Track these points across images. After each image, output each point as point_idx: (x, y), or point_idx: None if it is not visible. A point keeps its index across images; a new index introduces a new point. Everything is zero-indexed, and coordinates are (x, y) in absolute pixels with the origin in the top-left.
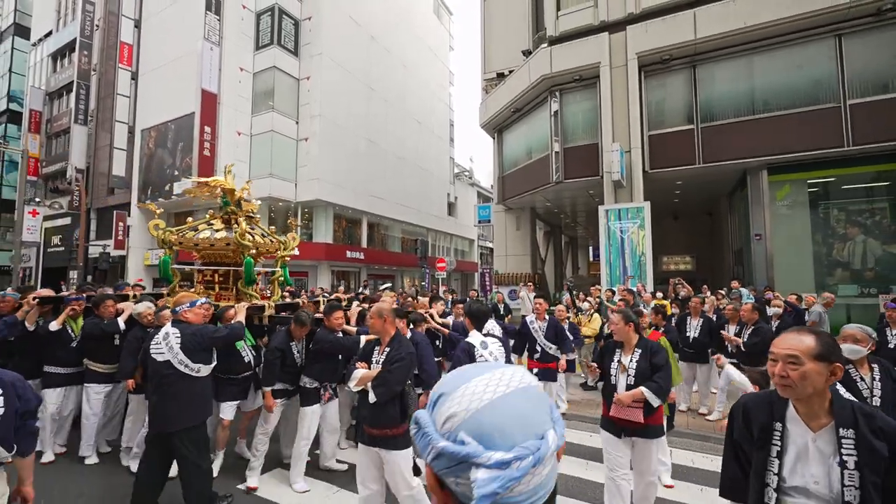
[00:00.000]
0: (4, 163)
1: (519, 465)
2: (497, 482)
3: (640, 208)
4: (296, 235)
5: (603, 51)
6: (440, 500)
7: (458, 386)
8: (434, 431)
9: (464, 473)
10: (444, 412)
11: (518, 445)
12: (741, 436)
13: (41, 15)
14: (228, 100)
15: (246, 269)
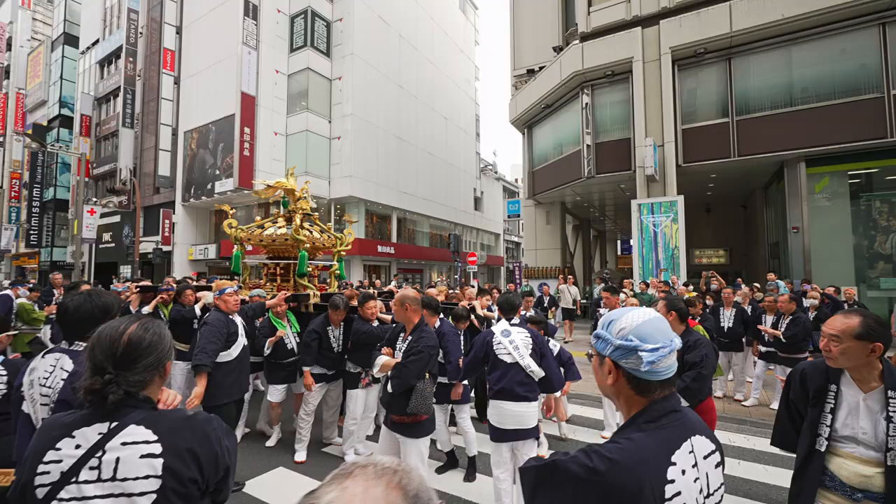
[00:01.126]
0: (58, 165)
1: (662, 351)
2: (653, 356)
3: (673, 202)
4: (351, 231)
5: (635, 46)
6: (615, 376)
7: (622, 315)
8: (612, 337)
9: (632, 356)
10: (617, 327)
11: (660, 342)
12: (797, 396)
13: (89, 24)
14: (265, 101)
15: (300, 262)
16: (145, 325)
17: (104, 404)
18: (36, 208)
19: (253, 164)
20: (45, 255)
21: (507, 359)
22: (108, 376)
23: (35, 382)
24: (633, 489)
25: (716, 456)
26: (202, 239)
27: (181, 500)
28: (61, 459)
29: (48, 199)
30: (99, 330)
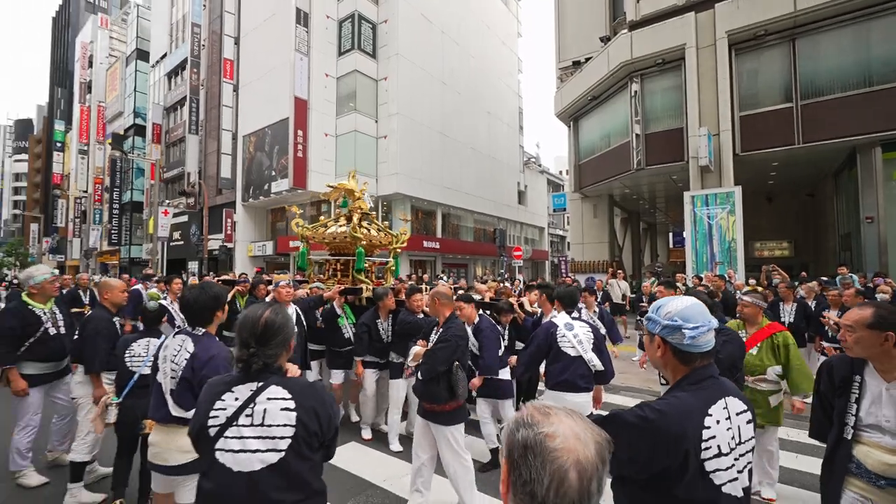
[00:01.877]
0: (133, 170)
1: (701, 329)
2: (693, 333)
3: (729, 193)
4: (406, 229)
5: (689, 32)
6: (663, 350)
7: (669, 302)
8: (660, 319)
9: (677, 334)
10: (664, 311)
11: (700, 322)
12: (826, 387)
13: (157, 40)
14: (316, 104)
15: (358, 258)
16: (276, 311)
17: (250, 370)
18: (115, 210)
19: (306, 165)
20: (125, 252)
21: (570, 352)
22: (251, 350)
23: (167, 358)
24: (677, 433)
25: (747, 414)
26: (260, 236)
27: (307, 448)
28: (225, 408)
29: (126, 202)
30: (243, 314)
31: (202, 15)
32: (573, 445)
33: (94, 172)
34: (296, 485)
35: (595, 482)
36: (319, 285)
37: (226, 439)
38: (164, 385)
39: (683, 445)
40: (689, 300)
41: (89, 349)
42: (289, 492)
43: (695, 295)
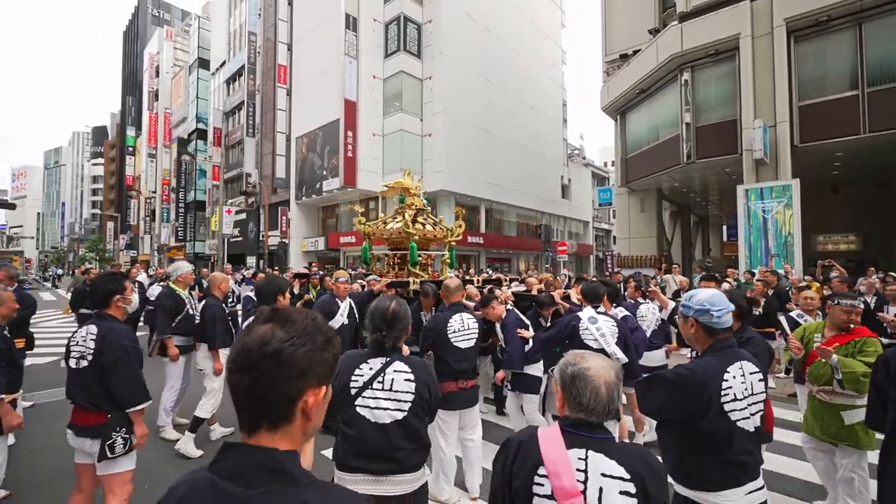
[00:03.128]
0: (196, 171)
1: (723, 311)
2: (719, 314)
3: (787, 186)
4: (461, 223)
5: (744, 21)
6: (696, 328)
7: (698, 292)
8: (693, 304)
9: (706, 315)
10: (696, 299)
11: (723, 306)
12: (882, 379)
13: (217, 49)
14: (364, 105)
15: (410, 252)
16: (399, 302)
17: (382, 349)
18: (181, 209)
19: (355, 164)
20: (189, 247)
21: (593, 345)
22: (383, 332)
23: None
24: (702, 385)
25: (758, 374)
26: (312, 233)
27: (421, 411)
28: (363, 374)
29: (190, 201)
30: (375, 305)
31: (258, 24)
32: (602, 373)
33: (161, 174)
34: (413, 437)
35: (615, 392)
36: (376, 278)
37: (364, 398)
38: None
39: (707, 393)
40: (713, 291)
41: (210, 330)
42: (408, 441)
43: (730, 298)
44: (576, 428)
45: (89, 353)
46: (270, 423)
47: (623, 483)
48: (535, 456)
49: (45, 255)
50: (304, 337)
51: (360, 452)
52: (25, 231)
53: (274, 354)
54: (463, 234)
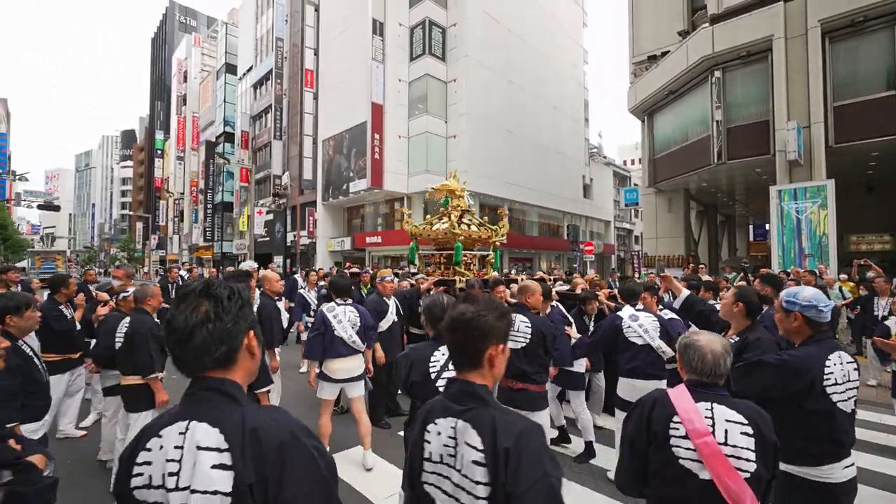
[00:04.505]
0: (224, 173)
1: (828, 307)
2: (825, 309)
3: (821, 187)
4: (505, 223)
5: (777, 22)
6: (800, 322)
7: (803, 290)
8: (800, 301)
9: (813, 310)
10: (802, 296)
11: (828, 302)
12: None
13: (244, 54)
14: (390, 108)
15: (455, 252)
16: (449, 297)
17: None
18: (209, 210)
19: (382, 166)
20: (217, 247)
21: (637, 341)
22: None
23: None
24: (805, 368)
25: (854, 363)
26: (338, 233)
27: None
28: (438, 360)
29: (217, 202)
30: (431, 301)
31: (285, 29)
32: (708, 344)
33: (189, 176)
34: None
35: (721, 359)
36: (423, 276)
37: (443, 378)
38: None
39: (809, 376)
40: (815, 290)
41: (266, 330)
42: None
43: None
44: (697, 387)
45: None
46: (469, 366)
47: (743, 426)
48: (669, 407)
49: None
50: (486, 311)
51: None
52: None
53: (467, 321)
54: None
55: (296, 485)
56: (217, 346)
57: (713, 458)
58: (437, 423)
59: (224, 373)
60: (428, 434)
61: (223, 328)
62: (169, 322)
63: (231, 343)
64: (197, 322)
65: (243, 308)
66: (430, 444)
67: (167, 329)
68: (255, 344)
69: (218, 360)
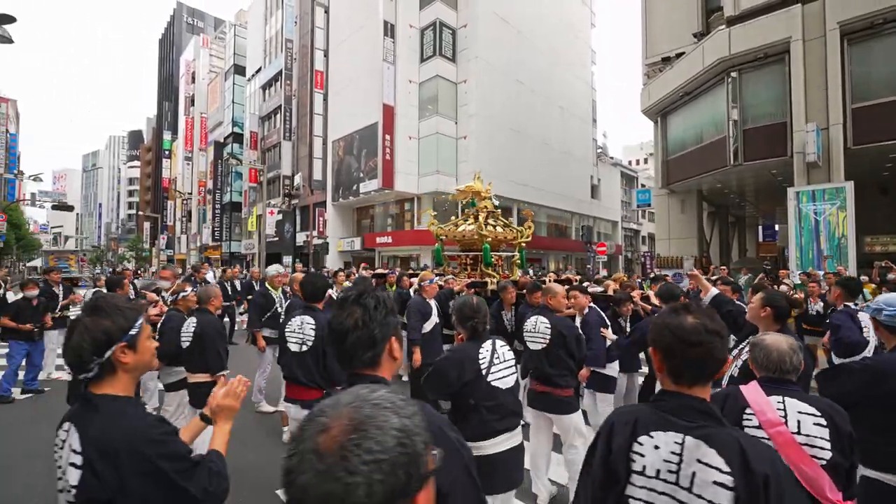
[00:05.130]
0: (232, 173)
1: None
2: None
3: (840, 189)
4: (531, 224)
5: (794, 24)
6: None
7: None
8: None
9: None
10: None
11: None
12: None
13: (253, 55)
14: (401, 109)
15: (484, 254)
16: (476, 297)
17: (478, 333)
18: (217, 210)
19: (393, 167)
20: (226, 247)
21: None
22: (475, 320)
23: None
24: (890, 372)
25: None
26: (347, 233)
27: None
28: (485, 356)
29: (225, 202)
30: (461, 301)
31: (294, 31)
32: (774, 343)
33: (197, 176)
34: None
35: (788, 357)
36: (452, 277)
37: (493, 374)
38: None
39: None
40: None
41: None
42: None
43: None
44: (767, 382)
45: (309, 339)
46: (702, 381)
47: (816, 418)
48: (741, 401)
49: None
50: (723, 328)
51: (502, 416)
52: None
53: (714, 334)
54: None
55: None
56: (364, 351)
57: (787, 446)
58: (654, 437)
59: (372, 370)
60: (640, 447)
61: (369, 334)
62: (330, 324)
63: (376, 349)
64: (350, 327)
65: (387, 316)
66: (645, 458)
67: (329, 330)
68: (397, 347)
69: (364, 361)
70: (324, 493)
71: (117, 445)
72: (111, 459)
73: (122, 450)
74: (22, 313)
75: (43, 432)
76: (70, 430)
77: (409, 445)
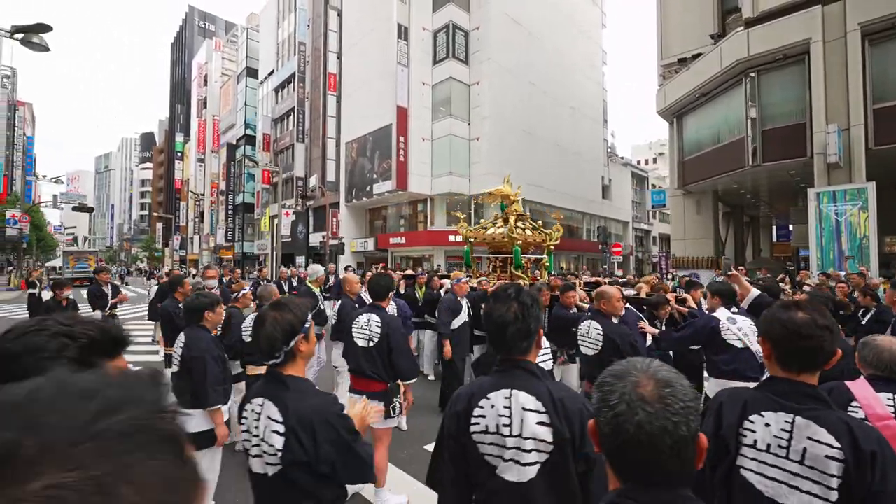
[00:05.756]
0: (244, 175)
1: None
2: None
3: (861, 189)
4: (560, 227)
5: (815, 26)
6: None
7: None
8: None
9: None
10: None
11: None
12: None
13: (265, 58)
14: (414, 111)
15: (515, 256)
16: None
17: None
18: (230, 211)
19: (407, 168)
20: (238, 248)
21: (737, 344)
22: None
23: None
24: None
25: None
26: (360, 234)
27: None
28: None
29: (238, 204)
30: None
31: (307, 34)
32: (884, 342)
33: (210, 178)
34: None
35: None
36: (484, 280)
37: None
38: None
39: None
40: None
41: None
42: None
43: (817, 299)
44: (876, 380)
45: (375, 336)
46: (811, 369)
47: None
48: (847, 395)
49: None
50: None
51: None
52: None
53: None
54: None
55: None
56: (521, 342)
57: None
58: (764, 416)
59: (524, 356)
60: (751, 424)
61: (527, 327)
62: (488, 315)
63: (530, 339)
64: (510, 319)
65: (539, 312)
66: (756, 434)
67: (487, 319)
68: (542, 337)
69: (521, 349)
70: (658, 427)
71: (311, 417)
72: (308, 429)
73: (315, 420)
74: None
75: None
76: (264, 404)
77: (695, 399)
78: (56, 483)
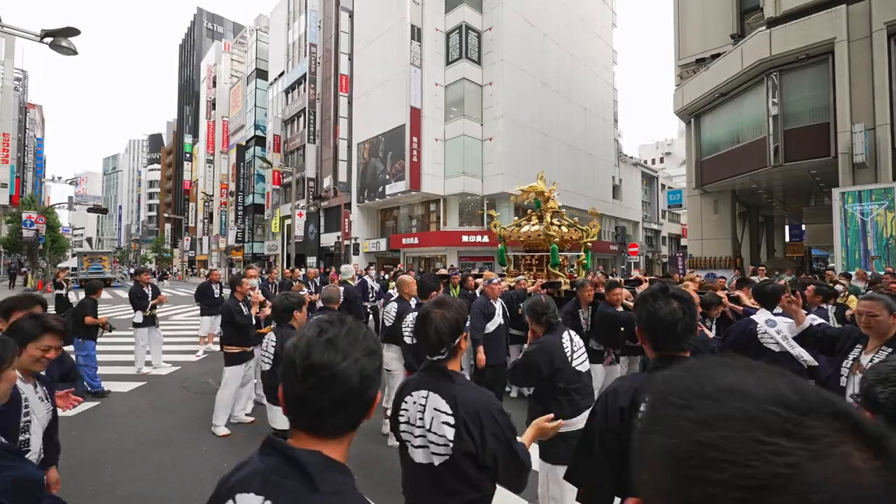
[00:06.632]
0: (254, 175)
1: None
2: None
3: (888, 189)
4: (596, 223)
5: (839, 25)
6: None
7: None
8: None
9: None
10: None
11: None
12: None
13: (275, 60)
14: (427, 112)
15: (552, 254)
16: (545, 296)
17: (553, 326)
18: (240, 212)
19: (420, 169)
20: (248, 249)
21: (774, 348)
22: (547, 314)
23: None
24: None
25: None
26: (372, 234)
27: None
28: (567, 346)
29: (248, 204)
30: (531, 300)
31: (318, 35)
32: None
33: (219, 179)
34: None
35: None
36: (523, 278)
37: (574, 360)
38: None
39: None
40: None
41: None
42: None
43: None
44: None
45: None
46: None
47: None
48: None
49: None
50: None
51: (585, 395)
52: (86, 233)
53: None
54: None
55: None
56: (689, 335)
57: None
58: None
59: (683, 352)
60: None
61: (692, 323)
62: (657, 313)
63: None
64: (679, 317)
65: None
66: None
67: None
68: None
69: (685, 344)
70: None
71: (478, 410)
72: (476, 421)
73: (482, 414)
74: (91, 314)
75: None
76: (429, 396)
77: None
78: None
